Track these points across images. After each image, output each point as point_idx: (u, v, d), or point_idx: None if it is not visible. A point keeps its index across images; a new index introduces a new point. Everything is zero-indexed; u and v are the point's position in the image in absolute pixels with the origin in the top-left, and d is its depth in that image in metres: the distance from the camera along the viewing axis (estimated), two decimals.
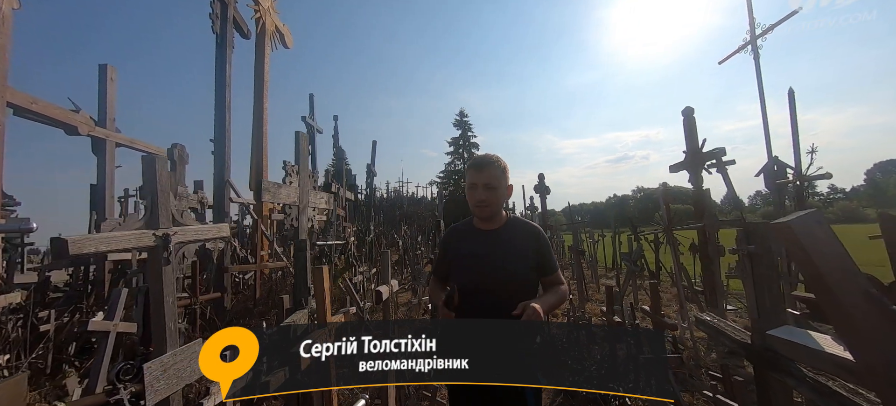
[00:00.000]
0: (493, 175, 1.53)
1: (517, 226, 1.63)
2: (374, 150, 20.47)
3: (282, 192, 3.03)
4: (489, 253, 1.55)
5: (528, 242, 1.57)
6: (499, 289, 1.50)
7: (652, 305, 3.08)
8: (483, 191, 1.53)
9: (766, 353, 1.41)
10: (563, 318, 6.15)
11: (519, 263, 1.53)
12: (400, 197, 34.89)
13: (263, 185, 2.76)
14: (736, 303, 6.89)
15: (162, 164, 1.65)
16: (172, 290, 1.64)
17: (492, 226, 1.61)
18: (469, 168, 1.58)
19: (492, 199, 1.54)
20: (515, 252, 1.54)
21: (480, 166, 1.54)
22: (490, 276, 1.52)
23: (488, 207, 1.55)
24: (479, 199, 1.54)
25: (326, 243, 5.09)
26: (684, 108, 7.70)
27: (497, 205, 1.57)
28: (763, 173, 5.04)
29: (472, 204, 1.57)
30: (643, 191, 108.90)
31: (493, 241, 1.57)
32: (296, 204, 3.24)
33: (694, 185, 7.53)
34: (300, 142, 3.33)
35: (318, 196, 3.72)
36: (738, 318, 5.81)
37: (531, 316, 1.37)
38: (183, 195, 4.37)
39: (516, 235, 1.58)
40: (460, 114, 41.79)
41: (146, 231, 1.67)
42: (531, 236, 1.59)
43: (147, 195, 1.64)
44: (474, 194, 1.55)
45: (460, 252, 1.62)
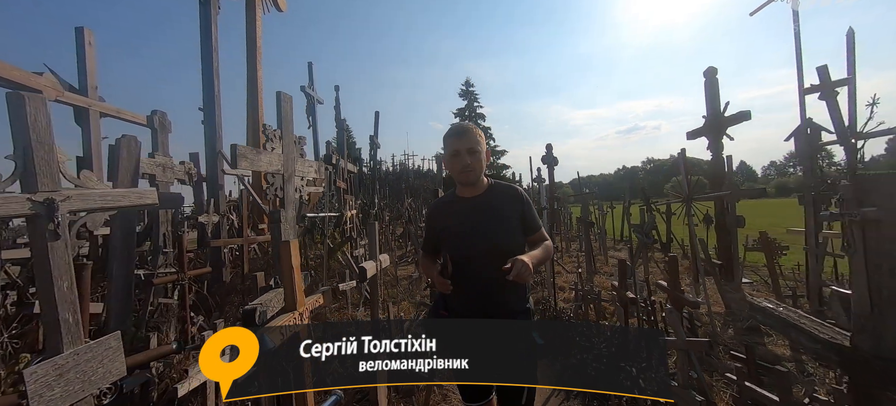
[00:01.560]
0: (473, 139, 1.56)
1: (499, 190, 1.65)
2: (377, 120, 20.01)
3: (262, 158, 2.74)
4: (475, 221, 1.57)
5: (512, 206, 1.61)
6: (487, 256, 1.51)
7: (669, 280, 2.80)
8: (467, 155, 1.55)
9: (879, 365, 1.05)
10: (570, 292, 5.94)
11: (505, 228, 1.57)
12: (405, 170, 34.62)
13: (239, 151, 2.47)
14: (751, 276, 6.61)
15: (36, 104, 1.33)
16: (67, 271, 1.32)
17: (475, 192, 1.63)
18: (448, 137, 1.59)
19: (475, 163, 1.57)
20: (500, 217, 1.58)
21: (461, 133, 1.58)
22: (478, 244, 1.54)
23: (473, 172, 1.57)
24: (464, 164, 1.55)
25: (318, 216, 4.83)
26: (707, 69, 7.13)
27: (480, 169, 1.60)
28: (795, 136, 4.60)
29: (457, 171, 1.58)
30: (653, 162, 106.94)
31: (478, 209, 1.60)
32: (279, 172, 2.96)
33: (713, 152, 7.04)
34: (283, 103, 3.01)
35: (307, 165, 3.42)
36: (754, 292, 5.53)
37: (520, 270, 1.38)
38: (167, 166, 4.11)
39: (500, 200, 1.61)
40: (466, 84, 40.61)
41: (18, 195, 1.35)
42: (515, 199, 1.63)
43: (17, 147, 1.33)
44: (458, 161, 1.56)
45: (446, 224, 1.65)
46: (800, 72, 4.61)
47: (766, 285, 5.68)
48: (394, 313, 4.68)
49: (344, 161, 11.22)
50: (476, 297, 1.55)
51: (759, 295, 5.32)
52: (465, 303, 1.58)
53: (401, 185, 24.99)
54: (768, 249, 4.30)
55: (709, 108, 7.07)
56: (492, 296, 1.53)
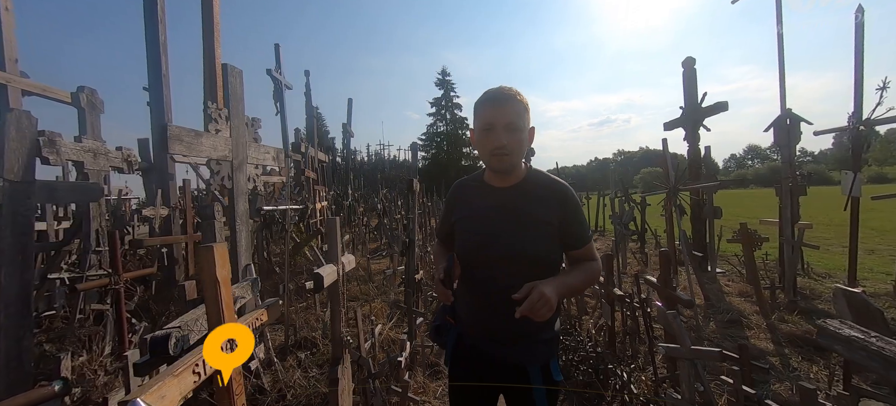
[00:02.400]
0: (516, 112, 1.15)
1: (539, 182, 1.24)
2: (350, 108, 19.27)
3: (203, 142, 2.31)
4: (499, 217, 1.22)
5: (551, 206, 1.20)
6: (507, 264, 1.18)
7: (661, 276, 2.62)
8: (504, 133, 1.15)
9: None
10: None
11: (536, 234, 1.19)
12: (381, 160, 33.87)
13: (171, 133, 2.03)
14: (725, 265, 6.72)
15: None
16: None
17: (508, 181, 1.25)
18: (482, 104, 1.19)
19: (514, 144, 1.16)
20: (533, 217, 1.19)
21: (499, 100, 1.15)
22: (497, 247, 1.19)
23: (509, 157, 1.17)
24: (498, 144, 1.15)
25: (276, 209, 4.36)
26: (685, 59, 7.09)
27: (520, 153, 1.19)
28: (774, 127, 4.58)
29: (488, 151, 1.18)
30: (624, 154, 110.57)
31: (506, 203, 1.23)
32: (227, 159, 2.54)
33: (690, 142, 7.07)
34: (230, 77, 2.57)
35: (263, 151, 3.00)
36: (730, 282, 5.57)
37: (534, 304, 1.01)
38: (98, 152, 3.55)
39: (537, 195, 1.21)
40: (442, 73, 40.09)
41: None
42: (557, 198, 1.21)
43: None
44: (491, 138, 1.16)
45: (465, 213, 1.31)
46: (781, 57, 4.57)
47: (740, 275, 5.75)
48: (365, 314, 4.35)
49: (314, 150, 10.62)
50: (488, 313, 1.21)
51: (734, 285, 5.36)
52: (474, 316, 1.26)
53: (376, 176, 24.39)
54: (748, 241, 4.27)
55: (686, 98, 7.06)
56: (507, 310, 1.10)
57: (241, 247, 2.58)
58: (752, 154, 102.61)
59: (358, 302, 5.07)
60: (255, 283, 1.84)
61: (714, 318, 4.06)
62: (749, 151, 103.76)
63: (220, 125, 2.51)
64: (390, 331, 3.37)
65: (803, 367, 3.03)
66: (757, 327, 3.76)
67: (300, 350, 3.36)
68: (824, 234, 9.33)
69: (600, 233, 12.75)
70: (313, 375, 2.82)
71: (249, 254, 2.67)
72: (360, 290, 5.42)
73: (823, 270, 6.09)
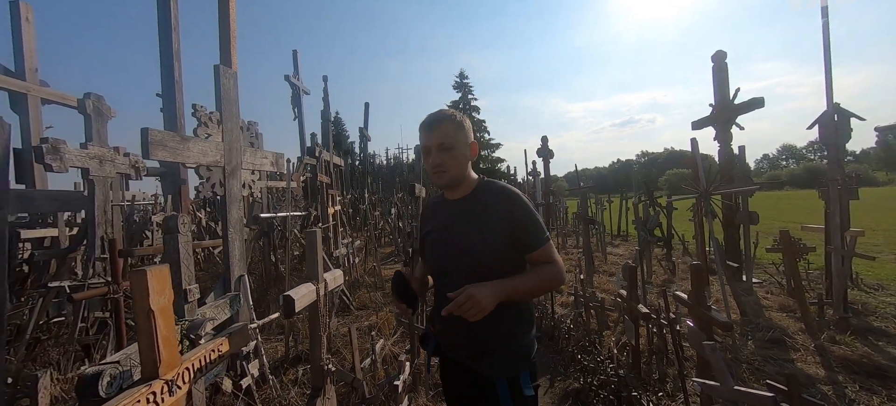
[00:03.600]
0: (446, 133, 1.26)
1: (489, 191, 1.31)
2: (367, 112, 19.34)
3: (191, 147, 2.19)
4: (455, 229, 1.30)
5: (500, 212, 1.25)
6: (460, 269, 1.25)
7: (694, 294, 2.31)
8: (437, 153, 1.26)
9: None
10: (568, 296, 5.47)
11: (484, 237, 1.23)
12: (399, 164, 34.01)
13: (152, 138, 1.90)
14: (761, 275, 6.19)
15: None
16: None
17: (457, 194, 1.34)
18: (420, 129, 1.31)
19: (448, 161, 1.26)
20: (481, 224, 1.25)
21: (431, 125, 1.27)
22: (451, 254, 1.29)
23: (446, 173, 1.27)
24: (434, 163, 1.27)
25: (274, 217, 4.22)
26: (715, 53, 6.63)
27: (456, 168, 1.28)
28: (819, 124, 4.13)
29: (429, 171, 1.31)
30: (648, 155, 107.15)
31: (458, 213, 1.32)
32: (219, 165, 2.41)
33: (721, 142, 6.57)
34: (222, 79, 2.45)
35: (259, 155, 2.87)
36: (768, 294, 5.09)
37: (461, 305, 1.07)
38: (104, 158, 3.53)
39: (487, 205, 1.28)
40: (460, 75, 39.92)
41: None
42: (506, 204, 1.26)
43: None
44: (429, 159, 1.29)
45: (428, 228, 1.41)
46: (827, 55, 4.13)
47: (780, 286, 5.25)
48: (371, 325, 4.17)
49: (329, 154, 10.61)
50: (455, 321, 1.17)
51: (773, 298, 4.89)
52: (442, 326, 1.31)
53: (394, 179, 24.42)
54: (790, 250, 3.85)
55: (717, 95, 6.58)
56: (466, 324, 1.12)
57: (233, 257, 2.45)
58: (786, 154, 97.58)
59: (367, 311, 4.92)
60: (235, 300, 1.67)
61: (753, 336, 3.66)
62: (783, 151, 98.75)
63: (210, 129, 2.39)
64: (394, 346, 3.17)
65: (862, 399, 2.63)
66: (803, 348, 3.35)
67: (301, 363, 3.21)
68: (872, 241, 8.53)
69: (623, 238, 12.20)
70: (311, 393, 2.65)
71: (244, 264, 2.54)
72: (369, 298, 5.26)
73: (875, 281, 5.50)
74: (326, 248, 5.45)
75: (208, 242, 4.26)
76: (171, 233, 1.38)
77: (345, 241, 6.77)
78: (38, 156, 3.06)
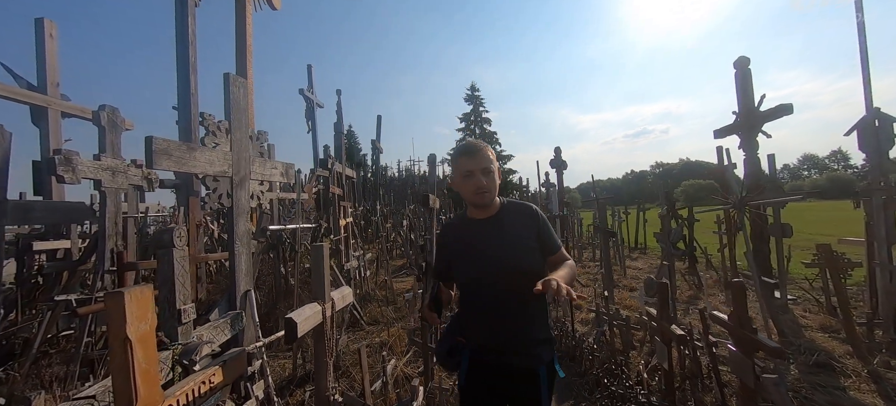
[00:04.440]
0: (487, 157, 1.47)
1: (513, 209, 1.54)
2: (379, 124, 19.48)
3: (198, 157, 2.11)
4: (491, 243, 1.45)
5: (528, 225, 1.50)
6: (506, 280, 1.40)
7: (736, 314, 2.09)
8: (481, 176, 1.45)
9: None
10: (588, 312, 5.21)
11: (523, 249, 1.45)
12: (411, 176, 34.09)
13: (156, 146, 1.83)
14: (795, 291, 5.81)
15: None
16: None
17: (489, 213, 1.52)
18: (459, 156, 1.49)
19: (491, 183, 1.46)
20: (517, 238, 1.46)
21: (473, 151, 1.47)
22: (495, 267, 1.42)
23: (489, 193, 1.46)
24: (479, 185, 1.45)
25: (284, 228, 4.12)
26: (737, 59, 6.38)
27: (495, 189, 1.49)
28: (858, 130, 3.87)
29: (471, 192, 1.47)
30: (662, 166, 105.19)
31: (493, 230, 1.48)
32: (226, 175, 2.33)
33: (747, 150, 6.27)
34: (232, 87, 2.39)
35: (269, 166, 2.79)
36: (806, 313, 4.74)
37: (556, 287, 1.16)
38: (117, 169, 3.52)
39: (515, 220, 1.50)
40: (471, 88, 40.09)
41: None
42: (530, 218, 1.52)
43: None
44: (472, 182, 1.45)
45: (458, 247, 1.54)
46: (864, 56, 3.89)
47: (818, 304, 4.90)
48: (382, 342, 4.01)
49: (341, 166, 10.61)
50: (499, 323, 1.41)
51: (812, 317, 4.54)
52: (483, 330, 1.45)
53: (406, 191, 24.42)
54: (833, 266, 3.56)
55: (741, 102, 6.31)
56: (514, 321, 1.39)
57: (239, 272, 2.34)
58: (808, 164, 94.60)
59: (377, 326, 4.76)
60: (237, 319, 1.55)
61: (795, 360, 3.36)
62: (804, 161, 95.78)
63: (218, 139, 2.31)
64: (406, 366, 3.00)
65: None
66: (855, 374, 3.04)
67: (310, 383, 3.06)
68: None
69: (641, 251, 11.79)
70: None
71: (251, 278, 2.43)
72: (381, 313, 5.11)
73: None
74: (337, 260, 5.35)
75: (217, 255, 4.19)
76: (165, 247, 1.26)
77: (356, 254, 6.66)
78: (51, 167, 3.05)
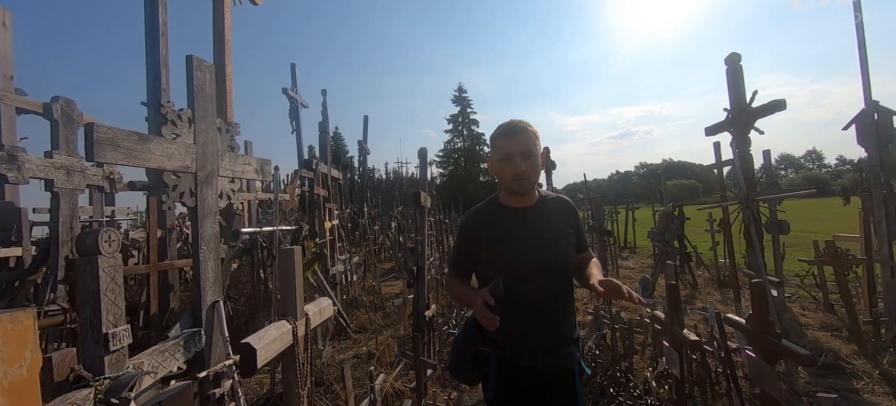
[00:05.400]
0: (529, 140, 1.30)
1: (551, 200, 1.42)
2: (366, 125, 19.10)
3: (153, 149, 1.82)
4: (534, 234, 1.32)
5: (567, 219, 1.39)
6: (546, 276, 1.29)
7: (756, 317, 1.92)
8: (521, 160, 1.29)
9: None
10: (586, 315, 5.04)
11: (566, 243, 1.34)
12: (399, 178, 33.71)
13: (99, 136, 1.54)
14: (790, 288, 5.77)
15: None
16: None
17: (528, 201, 1.37)
18: (498, 137, 1.33)
19: (531, 169, 1.30)
20: (559, 233, 1.34)
21: (513, 132, 1.31)
22: (537, 261, 1.28)
23: (528, 180, 1.30)
24: (518, 171, 1.29)
25: (259, 231, 3.81)
26: (728, 56, 6.31)
27: (536, 175, 1.33)
28: (857, 124, 3.80)
29: (509, 178, 1.31)
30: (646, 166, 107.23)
31: (532, 221, 1.33)
32: (188, 170, 2.05)
33: (739, 147, 6.24)
34: (196, 72, 2.12)
35: (241, 161, 2.51)
36: (804, 311, 4.67)
37: (615, 286, 1.17)
38: (72, 168, 3.17)
39: (556, 210, 1.38)
40: (459, 89, 40.02)
41: None
42: (569, 212, 1.41)
43: None
44: (510, 166, 1.30)
45: (494, 238, 1.34)
46: (862, 51, 3.83)
47: (815, 301, 4.84)
48: (370, 351, 3.74)
49: (326, 166, 10.27)
50: (535, 324, 1.28)
51: (811, 315, 4.46)
52: (519, 330, 1.28)
53: (394, 193, 24.07)
54: (838, 263, 3.47)
55: (732, 99, 6.24)
56: (550, 321, 1.29)
57: (205, 280, 2.06)
58: (784, 163, 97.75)
59: (365, 334, 4.48)
60: (193, 340, 1.28)
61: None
62: (781, 160, 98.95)
63: (179, 129, 2.03)
64: (396, 381, 2.74)
65: None
66: (866, 375, 2.93)
67: None
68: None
69: (631, 250, 11.78)
70: None
71: (219, 288, 2.15)
72: (368, 320, 4.83)
73: None
74: (322, 265, 5.06)
75: (180, 262, 3.85)
76: (87, 254, 0.99)
77: (342, 258, 6.36)
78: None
